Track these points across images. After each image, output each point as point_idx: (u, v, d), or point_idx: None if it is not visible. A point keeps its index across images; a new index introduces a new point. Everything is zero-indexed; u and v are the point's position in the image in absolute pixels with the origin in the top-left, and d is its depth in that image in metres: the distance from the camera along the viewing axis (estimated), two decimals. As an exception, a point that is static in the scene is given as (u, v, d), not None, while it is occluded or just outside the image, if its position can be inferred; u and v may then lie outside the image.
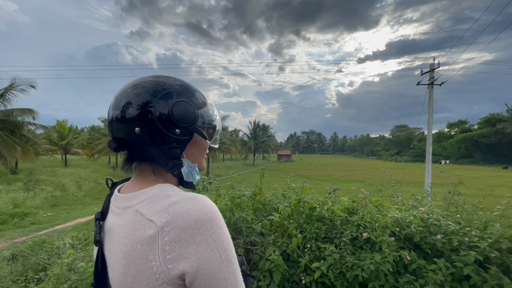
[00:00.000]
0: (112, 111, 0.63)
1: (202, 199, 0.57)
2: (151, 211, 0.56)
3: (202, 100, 0.69)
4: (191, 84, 0.70)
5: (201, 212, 0.54)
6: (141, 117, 0.59)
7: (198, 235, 0.52)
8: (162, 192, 0.60)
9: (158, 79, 0.64)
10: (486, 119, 55.13)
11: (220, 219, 0.57)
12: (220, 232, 0.55)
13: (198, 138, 0.68)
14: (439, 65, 12.22)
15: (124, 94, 0.62)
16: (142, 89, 0.62)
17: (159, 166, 0.65)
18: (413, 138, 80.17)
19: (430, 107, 12.46)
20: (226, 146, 29.98)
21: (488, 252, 1.85)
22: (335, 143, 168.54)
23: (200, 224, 0.53)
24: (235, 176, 2.80)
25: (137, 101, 0.60)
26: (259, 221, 2.59)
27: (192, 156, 0.69)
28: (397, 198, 2.88)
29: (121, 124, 0.61)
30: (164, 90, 0.62)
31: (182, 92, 0.65)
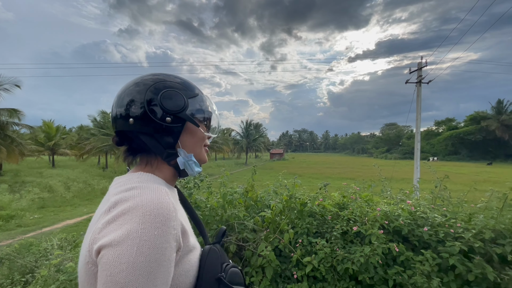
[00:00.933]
0: (114, 107, 0.67)
1: (163, 197, 0.55)
2: (114, 192, 0.58)
3: (195, 91, 0.71)
4: (189, 81, 0.73)
5: (150, 206, 0.52)
6: (134, 107, 0.63)
7: (130, 223, 0.49)
8: (136, 178, 0.61)
9: (157, 76, 0.68)
10: (472, 117, 56.79)
11: (167, 226, 0.52)
12: (154, 236, 0.49)
13: (192, 127, 0.69)
14: (427, 64, 12.51)
15: (125, 91, 0.66)
16: (140, 84, 0.65)
17: (155, 156, 0.67)
18: (402, 136, 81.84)
19: (418, 104, 12.75)
20: (218, 145, 29.83)
21: (472, 243, 1.91)
22: (327, 141, 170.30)
23: (141, 215, 0.50)
24: (226, 173, 2.79)
25: (132, 95, 0.64)
26: (251, 217, 2.60)
27: (188, 146, 0.70)
28: (386, 193, 2.94)
29: (118, 118, 0.65)
30: (157, 83, 0.66)
31: (173, 83, 0.67)
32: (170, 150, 0.66)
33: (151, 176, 0.64)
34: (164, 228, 0.51)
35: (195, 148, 0.71)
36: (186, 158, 0.67)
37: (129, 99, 0.64)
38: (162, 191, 0.56)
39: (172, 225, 0.53)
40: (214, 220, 2.56)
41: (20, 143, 16.22)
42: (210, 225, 2.54)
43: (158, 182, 0.63)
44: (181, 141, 0.68)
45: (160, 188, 0.57)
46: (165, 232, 0.51)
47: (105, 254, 0.48)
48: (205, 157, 0.75)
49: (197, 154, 0.72)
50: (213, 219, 2.55)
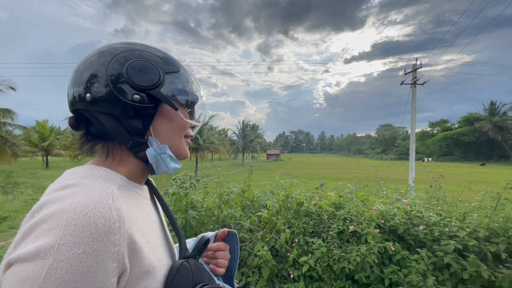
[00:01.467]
0: (70, 83, 0.53)
1: (103, 200, 0.41)
2: (49, 189, 0.46)
3: (175, 66, 0.57)
4: (172, 56, 0.60)
5: (79, 213, 0.38)
6: (93, 80, 0.49)
7: (47, 235, 0.36)
8: (81, 172, 0.49)
9: (130, 45, 0.54)
10: (465, 118, 57.57)
11: (102, 242, 0.38)
12: (77, 257, 0.36)
13: (169, 110, 0.55)
14: (421, 66, 12.66)
15: (84, 62, 0.52)
16: (105, 54, 0.51)
17: (118, 145, 0.54)
18: (397, 137, 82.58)
19: (413, 105, 12.88)
20: (214, 146, 29.76)
21: (467, 241, 1.93)
22: (323, 142, 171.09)
23: (64, 225, 0.37)
24: (223, 173, 2.79)
25: (93, 67, 0.50)
26: (247, 217, 2.59)
27: (162, 134, 0.55)
28: (382, 193, 2.96)
29: (75, 94, 0.51)
30: (127, 51, 0.52)
31: (149, 54, 0.54)
32: (138, 138, 0.52)
33: (105, 171, 0.51)
34: (95, 244, 0.37)
35: (173, 138, 0.57)
36: (158, 150, 0.53)
37: (89, 71, 0.50)
38: (105, 192, 0.43)
39: (111, 239, 0.39)
40: (210, 220, 2.54)
41: (13, 143, 15.99)
42: (207, 225, 2.52)
43: (109, 180, 0.49)
44: (154, 127, 0.54)
45: (104, 188, 0.44)
46: (97, 249, 0.37)
47: (8, 273, 0.36)
48: (185, 151, 0.60)
49: (175, 146, 0.57)
50: (209, 219, 2.53)
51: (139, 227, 0.48)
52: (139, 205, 0.54)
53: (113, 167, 0.53)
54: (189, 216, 2.39)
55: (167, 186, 2.82)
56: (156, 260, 0.50)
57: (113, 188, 0.46)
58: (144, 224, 0.51)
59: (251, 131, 50.92)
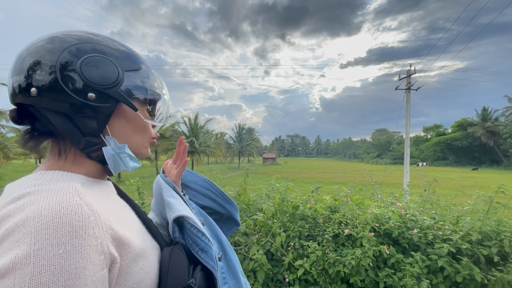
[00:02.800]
0: (11, 72, 0.47)
1: (69, 198, 0.40)
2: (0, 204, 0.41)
3: (137, 63, 0.54)
4: (134, 52, 0.56)
5: (48, 215, 0.36)
6: (39, 72, 0.44)
7: (18, 247, 0.34)
8: (32, 180, 0.44)
9: (86, 35, 0.49)
10: (459, 123, 58.51)
11: (81, 237, 0.37)
12: (59, 256, 0.35)
13: (128, 110, 0.52)
14: (415, 71, 12.87)
15: (29, 48, 0.46)
16: (55, 41, 0.46)
17: (71, 145, 0.50)
18: (392, 142, 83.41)
19: (407, 110, 13.06)
20: (210, 149, 29.69)
21: (460, 244, 1.95)
22: (319, 146, 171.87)
23: (34, 231, 0.35)
24: (218, 176, 2.78)
25: (42, 55, 0.45)
26: (243, 221, 2.58)
27: (121, 134, 0.53)
28: (377, 196, 2.98)
29: (18, 86, 0.45)
30: (81, 43, 0.47)
31: (106, 47, 0.50)
32: (91, 138, 0.48)
33: (59, 174, 0.47)
34: (75, 241, 0.36)
35: (133, 138, 0.55)
36: (116, 150, 0.50)
37: (33, 59, 0.44)
38: (68, 190, 0.41)
39: (90, 233, 0.38)
40: (206, 223, 2.53)
41: (5, 145, 15.73)
42: (202, 228, 2.51)
43: (68, 180, 0.46)
44: (111, 127, 0.51)
45: (65, 187, 0.42)
46: (78, 246, 0.36)
47: None
48: (146, 151, 0.59)
49: (136, 146, 0.56)
50: (205, 223, 2.52)
51: (116, 217, 0.47)
52: (108, 198, 0.52)
53: (67, 168, 0.49)
54: (184, 220, 2.37)
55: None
56: (143, 243, 0.50)
57: (76, 185, 0.44)
58: (119, 214, 0.49)
59: (247, 135, 50.97)
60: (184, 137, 7.39)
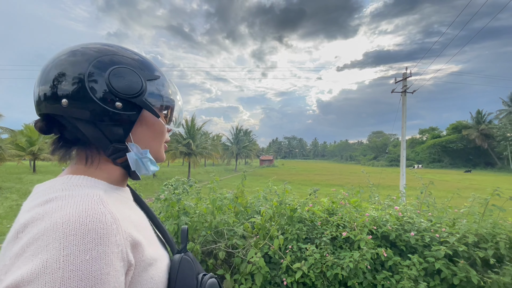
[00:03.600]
0: (37, 84, 0.50)
1: (94, 205, 0.42)
2: (27, 207, 0.44)
3: (155, 72, 0.58)
4: (147, 59, 0.59)
5: (75, 222, 0.38)
6: (69, 84, 0.47)
7: (46, 251, 0.36)
8: (59, 185, 0.46)
9: (106, 47, 0.52)
10: (453, 126, 59.17)
11: (106, 244, 0.39)
12: (86, 262, 0.36)
13: (149, 117, 0.56)
14: (411, 75, 13.01)
15: (54, 61, 0.49)
16: (77, 54, 0.49)
17: (97, 151, 0.53)
18: (388, 144, 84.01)
19: (403, 113, 13.17)
20: (207, 151, 29.59)
21: (457, 247, 1.96)
22: (316, 148, 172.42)
23: (62, 237, 0.37)
24: (216, 179, 2.77)
25: (67, 68, 0.48)
26: (240, 223, 2.57)
27: (142, 140, 0.56)
28: (374, 199, 2.99)
29: (47, 98, 0.48)
30: (104, 55, 0.50)
31: (127, 59, 0.53)
32: (118, 145, 0.51)
33: (85, 179, 0.49)
34: (100, 248, 0.38)
35: (152, 143, 0.58)
36: (139, 155, 0.54)
37: (59, 71, 0.48)
38: (93, 197, 0.43)
39: (113, 241, 0.40)
40: (203, 226, 2.51)
41: (0, 147, 15.53)
42: (199, 231, 2.49)
43: (92, 186, 0.48)
44: (133, 133, 0.54)
45: (90, 194, 0.44)
46: (103, 253, 0.38)
47: None
48: (163, 155, 0.62)
49: (155, 151, 0.59)
50: (202, 225, 2.50)
51: (134, 225, 0.49)
52: (126, 205, 0.55)
53: (92, 173, 0.52)
54: (181, 222, 2.35)
55: (158, 192, 2.78)
56: (155, 252, 0.53)
57: (99, 193, 0.46)
58: (136, 222, 0.52)
59: (244, 137, 50.93)
60: (181, 138, 7.44)
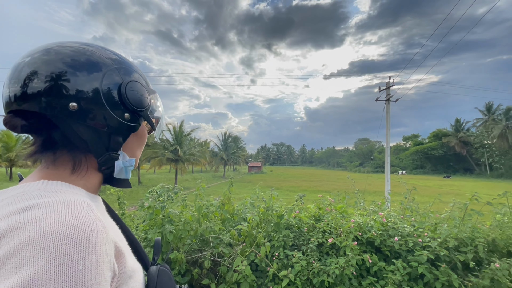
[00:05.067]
0: (24, 73, 0.45)
1: (85, 213, 0.39)
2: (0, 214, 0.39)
3: (150, 86, 0.61)
4: None
5: (66, 230, 0.36)
6: (81, 91, 0.45)
7: (34, 263, 0.33)
8: (36, 190, 0.43)
9: (115, 56, 0.53)
10: (434, 133, 61.61)
11: (98, 253, 0.37)
12: (79, 273, 0.34)
13: (142, 128, 0.58)
14: (394, 84, 13.49)
15: (35, 60, 0.45)
16: (85, 57, 0.48)
17: (84, 157, 0.51)
18: (374, 150, 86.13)
19: (387, 121, 13.58)
20: (195, 157, 29.22)
21: (438, 251, 2.01)
22: (304, 155, 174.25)
23: (53, 247, 0.34)
24: (202, 185, 2.72)
25: (74, 72, 0.46)
26: (227, 231, 2.53)
27: (131, 149, 0.58)
28: (360, 204, 3.04)
29: (42, 94, 0.44)
30: (117, 64, 0.52)
31: (136, 73, 0.56)
32: (113, 153, 0.52)
33: (63, 185, 0.46)
34: (93, 257, 0.36)
35: (137, 152, 0.61)
36: (126, 163, 0.54)
37: (71, 72, 0.45)
38: (81, 205, 0.41)
39: (104, 250, 0.38)
40: (188, 234, 2.45)
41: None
42: (184, 239, 2.43)
43: (74, 193, 0.45)
44: (125, 143, 0.55)
45: (78, 201, 0.41)
46: (95, 262, 0.36)
47: None
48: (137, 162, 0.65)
49: (137, 159, 0.61)
50: (187, 234, 2.44)
51: (115, 235, 0.48)
52: (104, 214, 0.54)
53: (68, 180, 0.49)
54: (166, 231, 2.28)
55: (142, 199, 2.70)
56: (133, 263, 0.52)
57: (87, 200, 0.44)
58: (116, 232, 0.51)
59: (233, 143, 50.79)
60: (169, 144, 7.31)
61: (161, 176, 37.94)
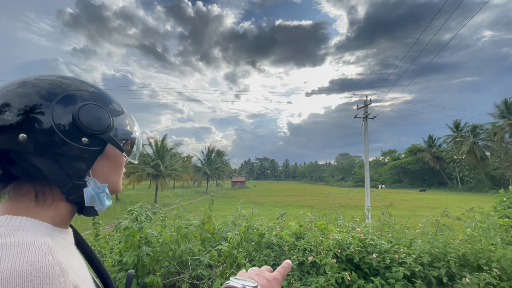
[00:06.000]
0: None
1: (42, 257, 0.38)
2: None
3: (118, 108, 0.58)
4: (106, 92, 0.59)
5: (20, 277, 0.34)
6: (30, 121, 0.44)
7: None
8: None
9: (62, 80, 0.51)
10: (410, 149, 64.70)
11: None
12: None
13: (112, 150, 0.54)
14: (371, 102, 14.20)
15: (7, 91, 0.45)
16: (33, 88, 0.47)
17: (49, 187, 0.48)
18: (354, 165, 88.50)
19: (365, 137, 14.13)
20: (177, 173, 28.49)
21: (414, 267, 2.07)
22: (287, 169, 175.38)
23: None
24: (182, 204, 2.66)
25: (23, 102, 0.44)
26: (207, 252, 2.46)
27: (102, 174, 0.54)
28: (339, 221, 3.08)
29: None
30: (67, 92, 0.49)
31: (92, 95, 0.53)
32: (78, 181, 0.48)
33: (28, 221, 0.44)
34: None
35: (112, 177, 0.57)
36: (97, 190, 0.51)
37: (21, 107, 0.44)
38: (40, 246, 0.39)
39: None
40: (167, 256, 2.36)
41: None
42: (161, 262, 2.33)
43: (38, 232, 0.43)
44: (93, 168, 0.51)
45: (38, 243, 0.40)
46: None
47: None
48: (121, 187, 0.61)
49: (114, 183, 0.57)
50: (166, 255, 2.35)
51: (78, 276, 0.45)
52: (70, 252, 0.51)
53: (35, 213, 0.46)
54: (142, 253, 2.19)
55: (120, 219, 2.59)
56: None
57: (47, 240, 0.42)
58: (80, 272, 0.48)
59: (217, 158, 50.24)
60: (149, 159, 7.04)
61: (141, 192, 36.41)
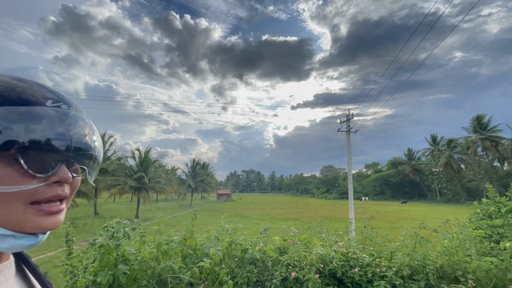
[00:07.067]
0: None
1: None
2: None
3: (26, 95, 0.36)
4: (37, 82, 0.40)
5: None
6: None
7: None
8: None
9: None
10: (391, 162, 66.96)
11: None
12: None
13: None
14: (353, 116, 14.70)
15: None
16: None
17: None
18: (338, 177, 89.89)
19: (348, 150, 14.50)
20: (161, 185, 27.66)
21: (394, 280, 2.10)
22: (273, 181, 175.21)
23: None
24: (163, 220, 2.58)
25: None
26: (188, 269, 2.38)
27: None
28: (322, 235, 3.09)
29: None
30: None
31: None
32: None
33: None
34: None
35: (7, 215, 0.35)
36: None
37: None
38: None
39: None
40: (145, 274, 2.25)
41: None
42: (139, 281, 2.22)
43: None
44: None
45: None
46: None
47: None
48: (39, 223, 0.37)
49: (13, 222, 0.35)
50: (144, 274, 2.24)
51: None
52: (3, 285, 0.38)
53: None
54: (118, 272, 2.08)
55: (96, 236, 2.46)
56: None
57: None
58: None
59: (202, 170, 49.44)
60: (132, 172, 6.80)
61: (121, 205, 34.91)
